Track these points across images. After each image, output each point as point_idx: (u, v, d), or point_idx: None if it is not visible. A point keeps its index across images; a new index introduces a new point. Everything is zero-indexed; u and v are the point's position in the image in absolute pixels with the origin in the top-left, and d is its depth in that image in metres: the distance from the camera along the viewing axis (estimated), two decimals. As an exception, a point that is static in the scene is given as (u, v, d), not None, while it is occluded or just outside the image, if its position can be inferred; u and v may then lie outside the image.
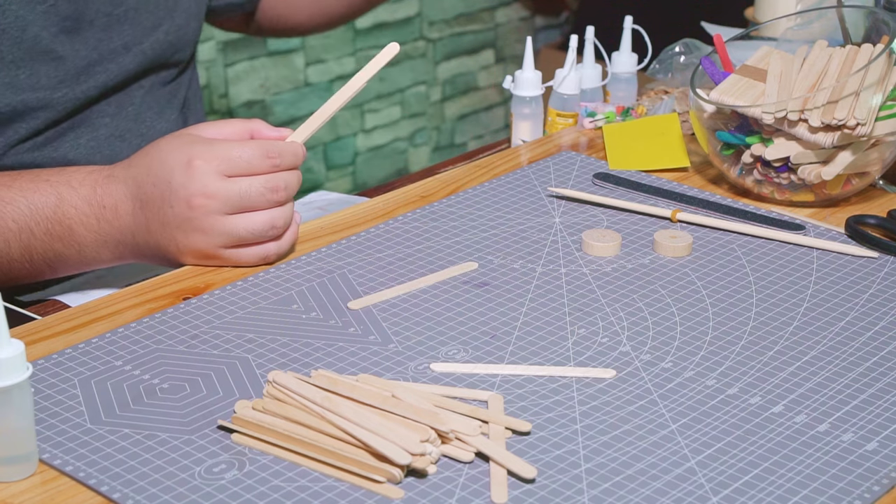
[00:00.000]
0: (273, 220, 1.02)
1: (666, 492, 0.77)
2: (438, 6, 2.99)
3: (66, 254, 1.06)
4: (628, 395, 0.87)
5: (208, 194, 1.00)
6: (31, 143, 1.20)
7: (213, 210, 1.01)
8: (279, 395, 0.83)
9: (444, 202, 1.18)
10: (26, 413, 0.77)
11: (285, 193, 1.02)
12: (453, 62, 3.07)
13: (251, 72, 2.56)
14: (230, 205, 1.01)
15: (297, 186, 1.04)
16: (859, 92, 1.12)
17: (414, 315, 0.98)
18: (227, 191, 1.00)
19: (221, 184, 1.00)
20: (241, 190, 1.01)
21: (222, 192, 1.00)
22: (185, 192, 1.00)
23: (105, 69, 1.22)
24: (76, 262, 1.07)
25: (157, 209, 1.02)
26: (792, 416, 0.85)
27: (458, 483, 0.78)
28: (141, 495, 0.76)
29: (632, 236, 1.11)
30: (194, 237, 1.02)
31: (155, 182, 1.02)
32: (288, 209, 1.04)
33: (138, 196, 1.03)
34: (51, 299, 1.13)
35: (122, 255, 1.06)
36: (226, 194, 1.00)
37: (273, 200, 1.02)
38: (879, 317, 0.98)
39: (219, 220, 1.01)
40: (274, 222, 1.02)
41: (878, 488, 0.78)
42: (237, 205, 1.01)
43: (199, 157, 1.00)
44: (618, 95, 1.42)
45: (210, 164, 1.00)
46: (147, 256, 1.06)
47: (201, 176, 1.00)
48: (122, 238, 1.05)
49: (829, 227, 1.13)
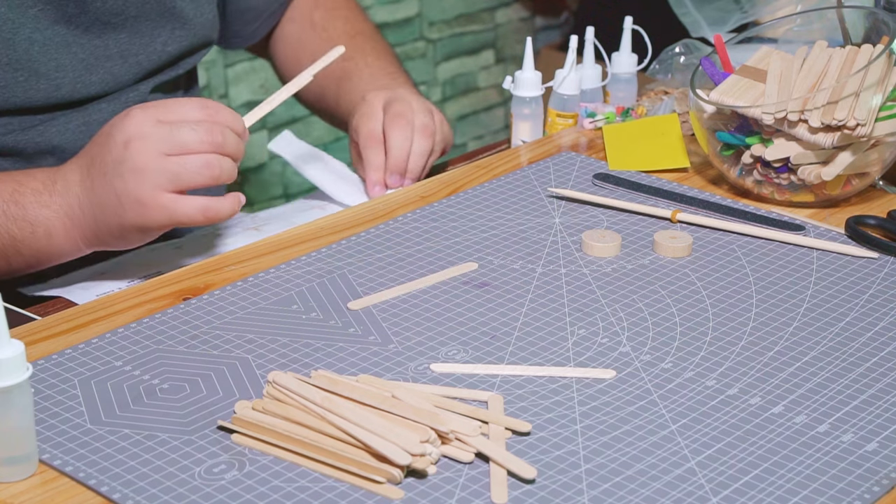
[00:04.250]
0: (209, 161, 1.04)
1: (666, 492, 0.77)
2: (438, 6, 2.99)
3: (19, 236, 1.07)
4: (628, 396, 0.87)
5: (143, 135, 1.03)
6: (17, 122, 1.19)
7: (148, 149, 1.03)
8: (279, 395, 0.83)
9: (444, 202, 1.18)
10: (26, 413, 0.77)
11: (222, 140, 1.05)
12: (453, 62, 3.07)
13: (251, 72, 2.56)
14: (166, 144, 1.03)
15: (236, 144, 1.06)
16: (859, 92, 1.12)
17: (414, 315, 0.98)
18: (162, 131, 1.03)
19: (157, 127, 1.03)
20: (177, 131, 1.03)
21: (157, 133, 1.03)
22: (123, 136, 1.04)
23: (101, 79, 1.22)
24: (27, 247, 1.08)
25: (99, 164, 1.05)
26: (792, 417, 0.85)
27: (458, 483, 0.78)
28: (141, 495, 0.76)
29: (632, 237, 1.12)
30: (131, 179, 1.03)
31: (98, 142, 1.06)
32: (228, 162, 1.06)
33: (86, 164, 1.07)
34: (52, 297, 1.13)
35: (70, 235, 1.08)
36: (160, 134, 1.03)
37: (209, 143, 1.04)
38: (879, 317, 0.98)
39: (154, 157, 1.03)
40: (210, 161, 1.04)
41: (878, 489, 0.78)
42: (173, 145, 1.03)
43: (138, 108, 1.05)
44: (618, 96, 1.42)
45: (146, 110, 1.05)
46: (91, 228, 1.07)
47: (138, 122, 1.04)
48: (71, 210, 1.07)
49: (829, 227, 1.13)
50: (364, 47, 1.43)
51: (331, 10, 1.47)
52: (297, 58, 1.47)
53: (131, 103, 1.25)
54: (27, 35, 1.15)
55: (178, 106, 1.06)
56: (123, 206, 1.04)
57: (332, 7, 1.47)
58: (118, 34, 1.22)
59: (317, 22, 1.46)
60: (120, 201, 1.04)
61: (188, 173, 1.03)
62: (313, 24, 1.46)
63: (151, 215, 1.05)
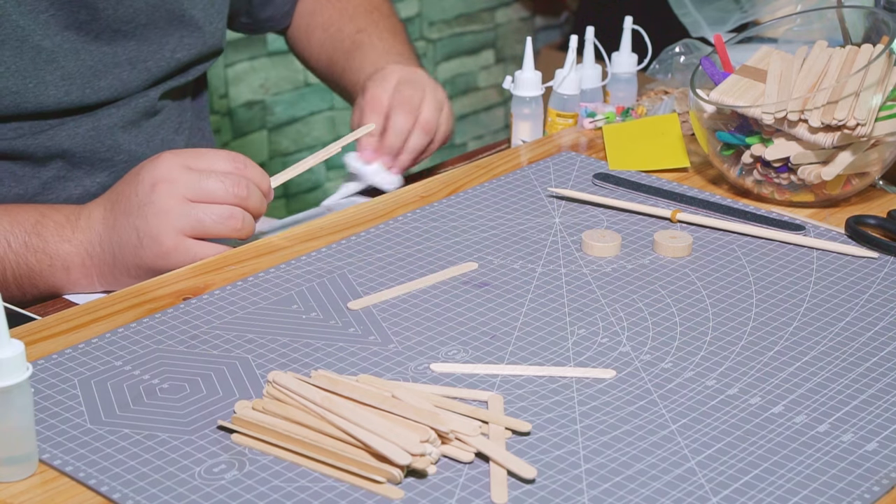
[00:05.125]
0: (233, 212, 1.05)
1: (666, 492, 0.77)
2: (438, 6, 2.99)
3: (37, 268, 1.08)
4: (628, 396, 0.87)
5: (171, 179, 1.04)
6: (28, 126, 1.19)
7: (174, 192, 1.04)
8: (279, 395, 0.83)
9: (444, 202, 1.18)
10: (26, 413, 0.77)
11: (246, 194, 1.06)
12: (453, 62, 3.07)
13: (251, 72, 2.56)
14: (192, 190, 1.04)
15: (259, 201, 1.08)
16: (859, 92, 1.12)
17: (414, 315, 0.98)
18: (190, 177, 1.04)
19: (186, 173, 1.05)
20: (205, 179, 1.04)
21: (185, 178, 1.04)
22: (151, 178, 1.05)
23: (109, 84, 1.21)
24: (44, 280, 1.09)
25: (123, 203, 1.06)
26: (792, 417, 0.85)
27: (458, 483, 0.78)
28: (141, 495, 0.76)
29: (632, 236, 1.11)
30: (154, 220, 1.04)
31: (126, 181, 1.07)
32: (250, 217, 1.07)
33: (111, 201, 1.08)
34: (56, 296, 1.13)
35: (87, 271, 1.08)
36: (188, 180, 1.04)
37: (235, 195, 1.05)
38: (879, 317, 0.98)
39: (179, 201, 1.04)
40: (233, 213, 1.05)
41: (878, 488, 0.78)
42: (199, 192, 1.04)
43: (169, 153, 1.07)
44: (618, 96, 1.42)
45: (177, 156, 1.06)
46: (109, 265, 1.08)
47: (168, 166, 1.05)
48: (91, 247, 1.08)
49: (829, 227, 1.13)
50: (379, 23, 1.45)
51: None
52: (309, 27, 1.48)
53: (140, 109, 1.25)
54: (36, 42, 1.14)
55: (208, 155, 1.07)
56: (143, 245, 1.05)
57: None
58: (127, 41, 1.22)
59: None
60: (140, 241, 1.05)
61: (210, 221, 1.05)
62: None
63: (169, 257, 1.05)
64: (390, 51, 1.40)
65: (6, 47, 1.12)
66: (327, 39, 1.46)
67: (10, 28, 1.12)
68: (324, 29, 1.47)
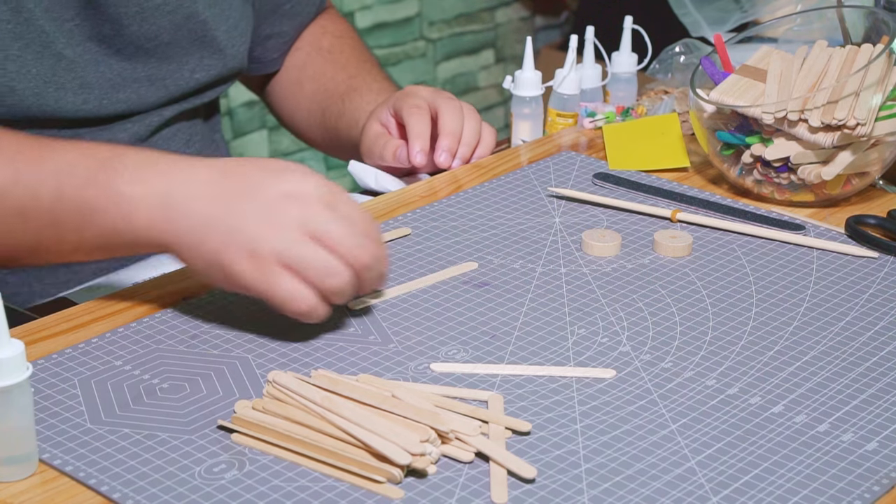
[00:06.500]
0: (338, 271, 0.90)
1: (666, 492, 0.77)
2: (438, 6, 2.99)
3: (99, 206, 0.93)
4: (628, 395, 0.87)
5: (306, 202, 0.90)
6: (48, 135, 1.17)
7: (299, 218, 0.90)
8: (279, 395, 0.83)
9: (444, 202, 1.18)
10: (26, 413, 0.77)
11: (366, 262, 0.91)
12: (453, 62, 3.07)
13: (251, 72, 2.56)
14: (316, 226, 0.90)
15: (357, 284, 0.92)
16: (859, 92, 1.12)
17: (414, 315, 0.98)
18: (323, 212, 0.90)
19: (321, 207, 0.91)
20: (333, 222, 0.90)
21: (319, 210, 0.90)
22: (288, 186, 0.91)
23: (127, 97, 1.20)
24: (105, 219, 0.93)
25: (240, 186, 0.91)
26: (792, 416, 0.85)
27: (458, 483, 0.78)
28: (141, 495, 0.76)
29: (632, 236, 1.12)
30: (260, 227, 0.89)
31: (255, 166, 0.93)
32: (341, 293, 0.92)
33: (224, 172, 0.93)
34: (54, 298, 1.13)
35: (151, 223, 0.92)
36: (320, 213, 0.90)
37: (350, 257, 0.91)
38: (879, 317, 0.98)
39: (295, 227, 0.89)
40: (337, 272, 0.90)
41: (878, 488, 0.78)
42: (322, 232, 0.90)
43: (321, 178, 0.93)
44: (618, 95, 1.42)
45: (324, 187, 0.92)
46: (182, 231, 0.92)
47: (310, 188, 0.91)
48: (170, 200, 0.91)
49: (829, 227, 1.13)
50: (371, 70, 1.43)
51: (338, 37, 1.46)
52: (299, 81, 1.44)
53: (153, 126, 1.24)
54: (59, 49, 1.13)
55: (354, 209, 0.93)
56: (232, 242, 0.90)
57: (339, 35, 1.46)
58: (148, 58, 1.21)
59: (324, 46, 1.44)
60: (231, 237, 0.90)
61: (311, 263, 0.90)
62: (320, 49, 1.44)
63: (249, 271, 0.90)
64: (389, 89, 1.38)
65: (29, 50, 1.12)
66: (319, 89, 1.42)
67: (35, 32, 1.11)
68: (315, 80, 1.43)
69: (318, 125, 1.43)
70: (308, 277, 0.89)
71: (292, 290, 0.90)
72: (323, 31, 1.46)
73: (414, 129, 1.23)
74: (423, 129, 1.23)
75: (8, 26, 1.09)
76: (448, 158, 1.23)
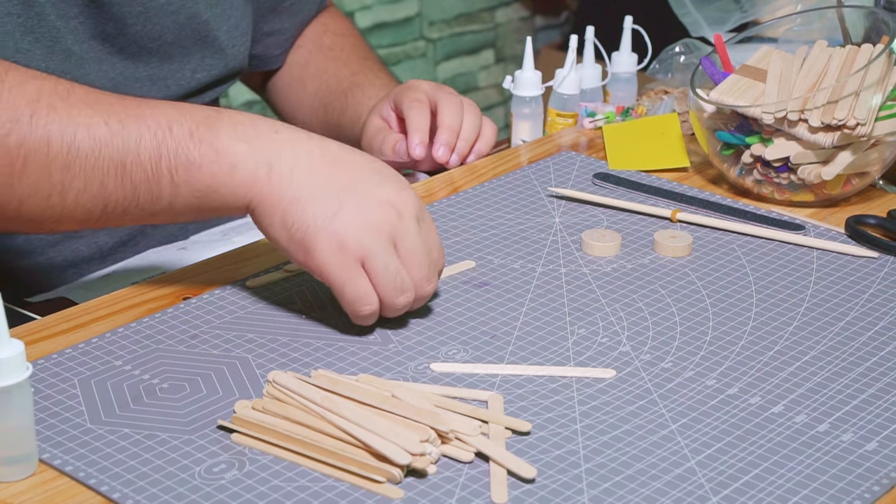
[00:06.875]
0: (407, 287, 0.92)
1: (666, 492, 0.77)
2: (438, 6, 2.99)
3: (198, 161, 0.91)
4: (628, 395, 0.87)
5: (401, 211, 0.91)
6: None
7: (391, 225, 0.91)
8: (279, 395, 0.83)
9: (444, 202, 1.18)
10: (26, 413, 0.77)
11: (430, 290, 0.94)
12: (453, 62, 3.07)
13: (251, 72, 2.56)
14: (404, 237, 0.91)
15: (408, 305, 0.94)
16: (859, 92, 1.12)
17: (414, 315, 0.98)
18: (412, 227, 0.92)
19: (413, 223, 0.92)
20: (419, 240, 0.92)
21: (410, 224, 0.92)
22: (388, 193, 0.92)
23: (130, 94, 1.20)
24: (204, 174, 0.91)
25: (347, 173, 0.92)
26: (792, 416, 0.85)
27: (458, 483, 0.78)
28: (141, 495, 0.76)
29: (632, 236, 1.12)
30: (353, 222, 0.90)
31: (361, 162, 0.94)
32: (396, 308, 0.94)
33: (325, 147, 0.93)
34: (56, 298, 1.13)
35: (255, 181, 0.91)
36: (410, 227, 0.92)
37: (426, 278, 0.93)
38: (879, 317, 0.98)
39: (386, 234, 0.91)
40: (407, 289, 0.92)
41: (878, 488, 0.78)
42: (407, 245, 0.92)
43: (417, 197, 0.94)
44: (618, 95, 1.42)
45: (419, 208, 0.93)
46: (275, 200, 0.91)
47: (408, 201, 0.92)
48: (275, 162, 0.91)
49: (829, 227, 1.13)
50: (374, 67, 1.43)
51: (340, 34, 1.46)
52: (301, 78, 1.44)
53: None
54: (67, 45, 1.13)
55: (435, 233, 0.95)
56: (327, 229, 0.90)
57: (341, 32, 1.46)
58: (150, 58, 1.21)
59: (325, 44, 1.44)
60: (328, 223, 0.90)
61: (391, 275, 0.91)
62: (322, 46, 1.44)
63: (332, 261, 0.90)
64: (391, 85, 1.37)
65: (39, 45, 1.12)
66: (322, 86, 1.42)
67: (46, 27, 1.12)
68: (317, 77, 1.43)
69: (320, 122, 1.43)
70: (381, 286, 0.91)
71: (365, 291, 0.91)
72: (325, 29, 1.46)
73: (413, 123, 1.23)
74: (423, 122, 1.23)
75: (19, 20, 1.09)
76: (446, 152, 1.23)
